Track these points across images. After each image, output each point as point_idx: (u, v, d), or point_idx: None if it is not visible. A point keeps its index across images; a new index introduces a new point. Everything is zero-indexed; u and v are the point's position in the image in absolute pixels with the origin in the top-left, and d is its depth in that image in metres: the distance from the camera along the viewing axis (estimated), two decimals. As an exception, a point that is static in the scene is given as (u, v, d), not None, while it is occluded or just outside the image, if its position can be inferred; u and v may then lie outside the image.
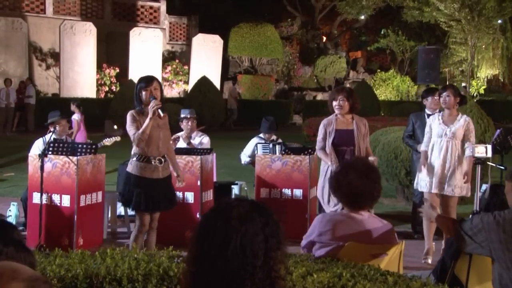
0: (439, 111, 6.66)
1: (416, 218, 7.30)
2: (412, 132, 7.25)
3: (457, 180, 6.26)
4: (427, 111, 7.21)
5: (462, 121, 6.38)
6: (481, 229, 3.05)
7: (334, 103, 6.02)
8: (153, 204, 5.37)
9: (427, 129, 6.51)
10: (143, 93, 5.31)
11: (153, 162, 5.30)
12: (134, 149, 5.37)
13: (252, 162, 7.98)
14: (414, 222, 7.43)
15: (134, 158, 5.35)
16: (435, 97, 7.00)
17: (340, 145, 5.93)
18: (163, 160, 5.38)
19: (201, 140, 7.79)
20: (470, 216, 3.29)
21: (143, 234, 5.46)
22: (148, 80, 5.40)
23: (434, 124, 6.41)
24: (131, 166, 5.39)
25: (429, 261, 6.31)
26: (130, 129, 5.29)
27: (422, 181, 6.41)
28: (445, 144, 6.31)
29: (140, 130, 5.20)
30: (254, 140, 8.29)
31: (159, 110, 5.23)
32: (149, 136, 5.25)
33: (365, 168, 3.61)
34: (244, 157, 8.38)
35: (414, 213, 7.40)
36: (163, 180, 5.40)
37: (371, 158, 5.80)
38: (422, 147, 6.52)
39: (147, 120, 5.19)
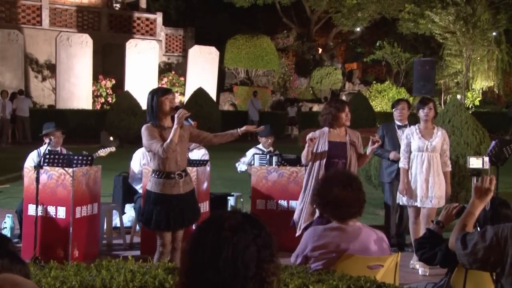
0: (416, 124, 6.61)
1: (390, 229, 7.25)
2: (382, 142, 7.24)
3: (437, 192, 6.29)
4: (397, 122, 7.28)
5: (441, 134, 6.41)
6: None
7: (342, 114, 5.90)
8: (174, 221, 5.07)
9: (404, 143, 6.48)
10: (164, 102, 5.02)
11: (172, 177, 5.04)
12: (153, 166, 5.13)
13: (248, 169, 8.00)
14: (388, 234, 7.26)
15: (153, 175, 5.10)
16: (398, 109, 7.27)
17: (333, 157, 5.86)
18: (183, 174, 5.10)
19: (202, 157, 7.72)
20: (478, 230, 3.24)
21: (166, 256, 5.08)
22: (165, 90, 5.20)
23: (413, 138, 6.39)
24: (150, 184, 5.13)
25: (417, 266, 6.31)
26: (151, 142, 4.96)
27: (407, 196, 6.39)
28: (427, 158, 6.32)
29: (168, 140, 4.91)
30: (252, 151, 8.30)
31: (189, 119, 4.96)
32: None
33: (347, 178, 3.63)
34: (241, 165, 8.37)
35: (387, 224, 7.34)
36: (184, 196, 5.10)
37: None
38: (401, 164, 6.49)
39: (174, 128, 4.91)
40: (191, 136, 5.34)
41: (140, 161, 7.36)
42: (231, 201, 8.33)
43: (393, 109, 7.40)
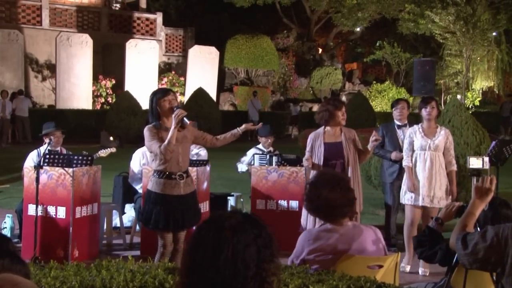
0: (418, 123, 6.59)
1: (391, 230, 7.27)
2: (382, 142, 7.24)
3: (438, 192, 6.26)
4: (397, 122, 7.26)
5: (444, 133, 6.39)
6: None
7: (339, 113, 5.90)
8: (174, 222, 5.08)
9: (407, 142, 6.47)
10: (162, 103, 5.07)
11: (173, 178, 5.05)
12: (154, 166, 5.15)
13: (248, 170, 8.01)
14: (388, 235, 7.24)
15: (155, 175, 5.12)
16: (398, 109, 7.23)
17: (330, 159, 5.85)
18: (184, 175, 5.11)
19: (199, 152, 7.76)
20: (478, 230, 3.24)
21: (166, 257, 5.05)
22: (165, 91, 5.23)
23: (416, 137, 6.38)
24: (151, 183, 5.15)
25: (407, 269, 6.28)
26: (152, 143, 5.00)
27: (407, 194, 6.38)
28: (429, 157, 6.29)
29: (166, 141, 4.92)
30: (252, 151, 8.32)
31: (185, 118, 4.98)
32: None
33: (334, 179, 3.61)
34: (241, 165, 8.38)
35: (387, 224, 7.35)
36: (184, 197, 5.11)
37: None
38: (405, 163, 6.45)
39: (172, 129, 4.93)
40: (195, 138, 5.36)
41: (140, 161, 7.36)
42: (231, 201, 8.32)
43: (393, 109, 7.38)
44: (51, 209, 6.40)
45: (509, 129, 25.09)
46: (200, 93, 21.43)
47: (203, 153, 7.83)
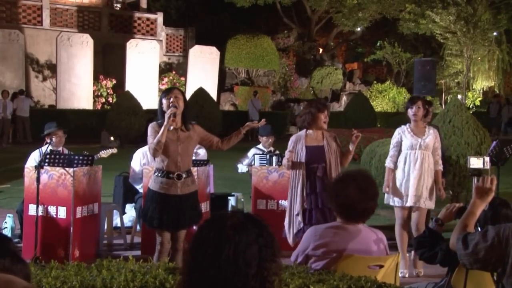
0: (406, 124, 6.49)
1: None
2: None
3: (426, 192, 6.22)
4: None
5: (433, 132, 6.34)
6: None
7: (322, 115, 5.80)
8: (168, 221, 5.11)
9: (395, 141, 6.39)
10: (164, 101, 5.14)
11: (171, 178, 5.08)
12: (156, 164, 5.21)
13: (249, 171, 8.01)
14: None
15: (155, 173, 5.18)
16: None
17: (311, 163, 5.76)
18: (183, 176, 5.12)
19: (197, 151, 7.74)
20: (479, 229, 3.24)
21: (164, 255, 5.09)
22: (168, 89, 5.31)
23: (405, 136, 6.33)
24: (151, 181, 5.23)
25: (406, 275, 6.21)
26: (149, 140, 5.11)
27: (396, 196, 6.31)
28: (420, 156, 6.23)
29: (155, 140, 4.98)
30: (252, 151, 8.32)
31: (172, 116, 5.01)
32: (166, 150, 5.03)
33: (365, 183, 3.60)
34: (241, 166, 8.38)
35: None
36: (181, 197, 5.13)
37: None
38: (388, 164, 6.39)
39: (162, 128, 4.99)
40: (201, 139, 5.39)
41: (141, 161, 7.36)
42: (231, 201, 8.32)
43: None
44: (51, 209, 6.40)
45: (500, 130, 25.06)
46: (200, 93, 21.43)
47: (202, 152, 7.83)
